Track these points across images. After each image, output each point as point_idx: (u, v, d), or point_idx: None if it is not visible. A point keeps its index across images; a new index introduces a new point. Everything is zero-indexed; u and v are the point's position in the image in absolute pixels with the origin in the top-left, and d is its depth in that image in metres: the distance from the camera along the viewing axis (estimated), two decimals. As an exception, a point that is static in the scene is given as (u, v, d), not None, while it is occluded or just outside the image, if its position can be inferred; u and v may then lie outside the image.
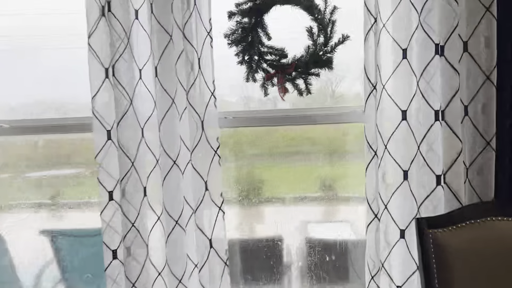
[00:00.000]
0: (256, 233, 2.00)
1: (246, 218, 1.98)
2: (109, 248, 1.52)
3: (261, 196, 1.96)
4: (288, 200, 1.99)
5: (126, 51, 1.47)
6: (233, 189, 1.92)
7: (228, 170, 1.89)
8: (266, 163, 1.99)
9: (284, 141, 1.97)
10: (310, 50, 1.66)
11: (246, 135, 1.93)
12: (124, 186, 1.51)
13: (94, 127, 1.49)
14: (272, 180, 2.00)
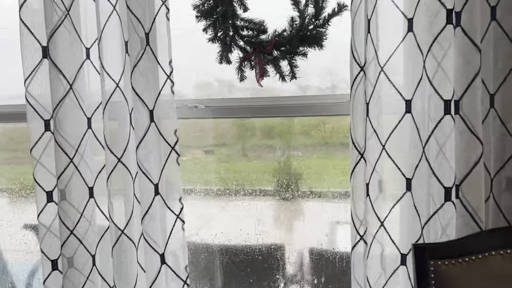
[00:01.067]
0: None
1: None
2: (47, 257, 1.30)
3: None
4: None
5: (66, 22, 1.23)
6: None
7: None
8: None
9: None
10: (295, 23, 1.33)
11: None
12: (65, 186, 1.28)
13: (29, 115, 1.27)
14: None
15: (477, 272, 1.00)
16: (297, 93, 1.49)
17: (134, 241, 1.30)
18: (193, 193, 1.64)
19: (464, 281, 1.00)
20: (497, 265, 1.00)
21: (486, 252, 1.01)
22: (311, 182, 1.63)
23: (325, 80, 1.53)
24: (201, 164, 1.65)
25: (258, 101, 1.43)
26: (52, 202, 1.31)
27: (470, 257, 1.01)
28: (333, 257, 1.57)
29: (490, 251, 1.01)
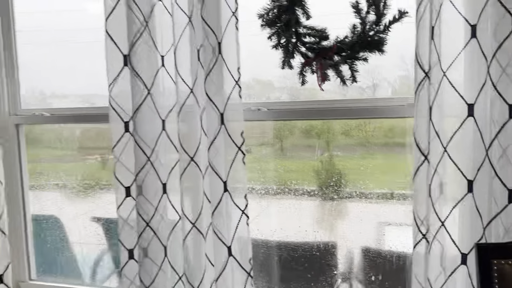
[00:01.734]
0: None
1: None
2: (125, 247, 1.43)
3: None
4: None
5: (145, 34, 1.35)
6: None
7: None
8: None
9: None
10: (356, 30, 1.39)
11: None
12: (142, 182, 1.41)
13: (111, 118, 1.40)
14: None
15: (542, 273, 1.02)
16: (343, 94, 1.55)
17: (204, 234, 1.40)
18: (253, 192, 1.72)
19: (529, 281, 1.02)
20: None
21: (551, 254, 1.03)
22: (355, 182, 1.67)
23: (365, 79, 1.57)
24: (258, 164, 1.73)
25: (318, 104, 1.50)
26: (130, 197, 1.44)
27: (535, 258, 1.04)
28: (388, 255, 1.61)
29: (556, 253, 1.03)
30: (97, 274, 2.06)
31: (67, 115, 1.77)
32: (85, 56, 1.80)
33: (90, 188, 1.99)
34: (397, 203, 1.64)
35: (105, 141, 1.98)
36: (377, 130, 1.64)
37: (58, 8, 1.81)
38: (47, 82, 1.94)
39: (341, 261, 1.70)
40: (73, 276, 2.01)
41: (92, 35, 1.69)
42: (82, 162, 2.05)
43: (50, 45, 1.88)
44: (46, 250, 2.02)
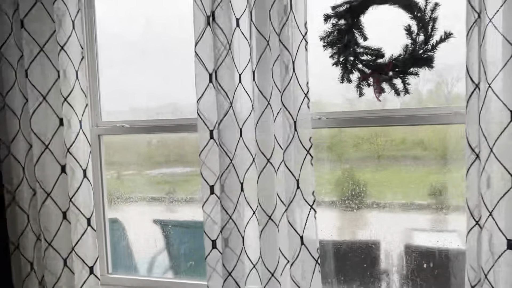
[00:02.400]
0: (354, 236, 1.98)
1: (345, 222, 1.96)
2: (209, 238, 1.66)
3: (363, 200, 1.92)
4: (393, 205, 1.92)
5: (227, 57, 1.60)
6: (332, 191, 1.92)
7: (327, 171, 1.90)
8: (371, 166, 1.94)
9: (389, 144, 1.91)
10: (408, 49, 1.62)
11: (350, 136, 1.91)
12: (224, 182, 1.64)
13: (199, 127, 1.64)
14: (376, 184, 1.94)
15: None
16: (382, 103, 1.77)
17: (278, 225, 1.62)
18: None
19: None
20: None
21: None
22: (374, 194, 1.88)
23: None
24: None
25: (375, 113, 1.72)
26: (213, 194, 1.67)
27: None
28: (430, 251, 1.81)
29: None
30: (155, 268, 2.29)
31: (145, 126, 2.02)
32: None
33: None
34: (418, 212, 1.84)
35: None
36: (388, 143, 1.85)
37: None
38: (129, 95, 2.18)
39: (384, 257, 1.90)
40: (137, 269, 2.24)
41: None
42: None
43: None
44: (118, 248, 2.26)
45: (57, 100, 1.86)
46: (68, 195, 1.85)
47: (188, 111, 2.00)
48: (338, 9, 1.68)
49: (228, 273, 1.65)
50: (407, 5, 1.61)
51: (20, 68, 1.89)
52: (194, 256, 2.15)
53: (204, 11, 1.60)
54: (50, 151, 1.87)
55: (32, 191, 1.94)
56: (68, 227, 1.90)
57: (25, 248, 1.95)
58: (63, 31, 1.81)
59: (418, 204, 1.85)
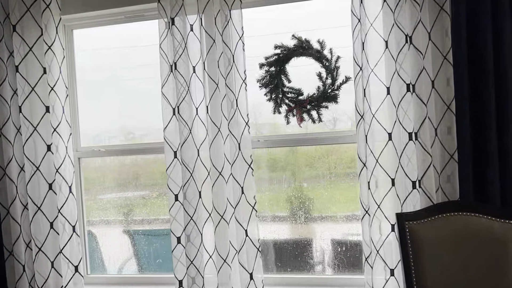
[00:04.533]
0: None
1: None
2: (175, 235, 2.14)
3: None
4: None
5: (187, 95, 2.12)
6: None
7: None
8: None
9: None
10: (320, 89, 2.21)
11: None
12: (185, 191, 2.13)
13: (166, 149, 2.14)
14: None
15: (432, 226, 1.82)
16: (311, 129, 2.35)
17: (228, 223, 2.13)
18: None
19: (425, 231, 1.81)
20: (443, 221, 1.82)
21: (437, 215, 1.83)
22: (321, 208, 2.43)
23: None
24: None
25: (298, 136, 2.29)
26: (177, 201, 2.15)
27: (428, 218, 1.83)
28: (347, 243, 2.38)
29: (439, 215, 1.84)
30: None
31: (119, 149, 2.48)
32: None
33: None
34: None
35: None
36: (338, 161, 2.42)
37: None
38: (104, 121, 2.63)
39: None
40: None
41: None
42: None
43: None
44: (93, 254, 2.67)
45: (46, 130, 2.28)
46: (57, 207, 2.26)
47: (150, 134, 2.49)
48: (269, 59, 2.25)
49: (191, 261, 2.12)
50: (318, 57, 2.21)
51: (14, 104, 2.30)
52: (160, 256, 2.61)
53: (168, 61, 2.12)
54: (40, 172, 2.28)
55: (22, 206, 2.33)
56: (54, 235, 2.29)
57: (18, 253, 2.32)
58: (52, 75, 2.26)
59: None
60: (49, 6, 2.23)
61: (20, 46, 2.26)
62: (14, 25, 2.24)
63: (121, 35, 2.53)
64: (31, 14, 2.25)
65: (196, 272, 2.14)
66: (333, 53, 2.19)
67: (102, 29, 2.52)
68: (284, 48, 2.22)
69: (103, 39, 2.57)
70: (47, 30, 2.25)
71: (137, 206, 2.67)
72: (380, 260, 2.01)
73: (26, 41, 2.26)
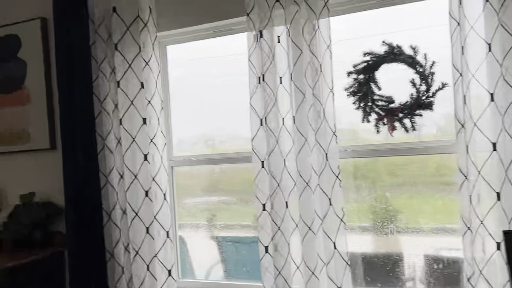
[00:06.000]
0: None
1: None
2: (262, 244, 2.16)
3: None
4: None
5: (274, 106, 2.13)
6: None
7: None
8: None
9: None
10: (413, 96, 2.10)
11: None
12: (273, 201, 2.14)
13: (253, 159, 2.17)
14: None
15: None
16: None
17: (315, 234, 2.09)
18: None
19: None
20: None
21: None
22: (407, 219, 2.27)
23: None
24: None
25: (388, 145, 2.19)
26: (265, 211, 2.17)
27: (541, 238, 1.64)
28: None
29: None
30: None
31: (209, 159, 2.57)
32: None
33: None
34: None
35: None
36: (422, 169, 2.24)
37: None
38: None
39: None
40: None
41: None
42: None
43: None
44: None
45: (143, 140, 2.44)
46: (153, 213, 2.40)
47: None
48: (357, 66, 2.19)
49: (279, 272, 2.12)
50: (411, 63, 2.10)
51: (115, 117, 2.49)
52: (248, 264, 2.64)
53: (256, 73, 2.16)
54: (137, 180, 2.44)
55: (122, 211, 2.50)
56: (149, 240, 2.43)
57: (118, 256, 2.50)
58: (149, 89, 2.41)
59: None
60: (146, 25, 2.39)
61: (120, 63, 2.45)
62: (115, 44, 2.44)
63: (209, 47, 2.63)
64: (130, 33, 2.43)
65: (284, 283, 2.13)
66: (428, 58, 2.07)
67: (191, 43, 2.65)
68: (374, 55, 2.15)
69: (191, 52, 2.71)
70: (144, 47, 2.41)
71: (220, 211, 2.76)
72: (483, 281, 1.84)
73: (126, 58, 2.44)
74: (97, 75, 2.50)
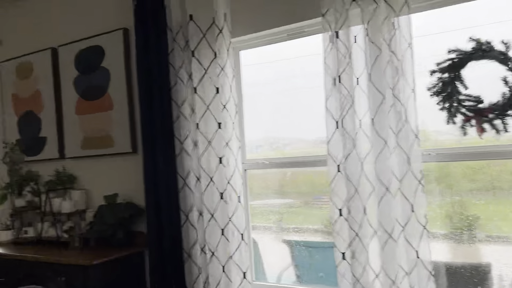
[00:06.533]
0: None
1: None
2: (339, 250, 2.10)
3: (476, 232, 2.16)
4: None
5: (350, 108, 2.08)
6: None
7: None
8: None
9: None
10: (505, 95, 1.94)
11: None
12: (349, 206, 2.08)
13: (329, 162, 2.13)
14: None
15: None
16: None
17: (396, 242, 2.00)
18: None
19: None
20: None
21: None
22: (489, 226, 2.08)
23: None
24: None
25: (476, 148, 2.04)
26: (341, 216, 2.11)
27: None
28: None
29: None
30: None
31: (281, 162, 2.56)
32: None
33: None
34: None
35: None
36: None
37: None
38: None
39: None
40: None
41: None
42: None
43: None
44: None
45: (218, 144, 2.48)
46: (228, 215, 2.44)
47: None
48: (441, 65, 2.07)
49: (357, 279, 2.05)
50: (502, 60, 1.94)
51: (192, 121, 2.57)
52: (322, 269, 2.59)
53: (331, 75, 2.11)
54: (213, 183, 2.49)
55: (198, 213, 2.57)
56: (224, 241, 2.47)
57: (194, 257, 2.56)
58: (224, 94, 2.46)
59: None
60: (221, 31, 2.44)
61: (197, 69, 2.52)
62: (192, 51, 2.51)
63: (280, 49, 2.64)
64: (206, 39, 2.49)
65: (362, 291, 2.06)
66: (522, 53, 1.90)
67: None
68: (460, 52, 2.01)
69: (257, 56, 2.73)
70: (220, 53, 2.46)
71: (287, 214, 2.74)
72: None
73: (202, 65, 2.51)
74: (175, 82, 2.59)
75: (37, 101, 3.41)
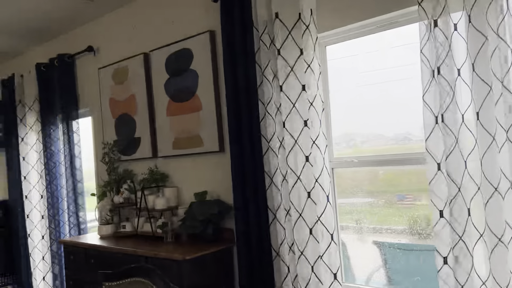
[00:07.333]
0: None
1: None
2: (440, 254, 1.96)
3: None
4: None
5: (452, 102, 1.92)
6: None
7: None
8: None
9: None
10: None
11: None
12: (452, 207, 1.93)
13: (428, 160, 1.99)
14: None
15: None
16: None
17: (507, 247, 1.81)
18: None
19: None
20: None
21: None
22: None
23: None
24: None
25: None
26: (442, 218, 1.97)
27: None
28: None
29: None
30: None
31: (371, 160, 2.45)
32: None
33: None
34: None
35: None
36: None
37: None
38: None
39: None
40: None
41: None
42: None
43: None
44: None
45: (305, 142, 2.45)
46: (316, 215, 2.39)
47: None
48: (559, 50, 1.83)
49: (461, 286, 1.90)
50: None
51: (278, 120, 2.55)
52: (417, 273, 2.45)
53: (430, 67, 1.97)
54: (300, 181, 2.46)
55: (285, 211, 2.55)
56: (313, 241, 2.43)
57: (283, 255, 2.55)
58: (310, 91, 2.41)
59: None
60: (308, 27, 2.39)
61: (282, 67, 2.50)
62: (278, 49, 2.50)
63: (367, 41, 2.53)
64: (292, 37, 2.46)
65: (469, 299, 1.90)
66: None
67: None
68: None
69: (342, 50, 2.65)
70: (306, 50, 2.41)
71: (367, 214, 2.64)
72: None
73: (288, 62, 2.48)
74: (261, 81, 2.60)
75: (132, 104, 3.63)
